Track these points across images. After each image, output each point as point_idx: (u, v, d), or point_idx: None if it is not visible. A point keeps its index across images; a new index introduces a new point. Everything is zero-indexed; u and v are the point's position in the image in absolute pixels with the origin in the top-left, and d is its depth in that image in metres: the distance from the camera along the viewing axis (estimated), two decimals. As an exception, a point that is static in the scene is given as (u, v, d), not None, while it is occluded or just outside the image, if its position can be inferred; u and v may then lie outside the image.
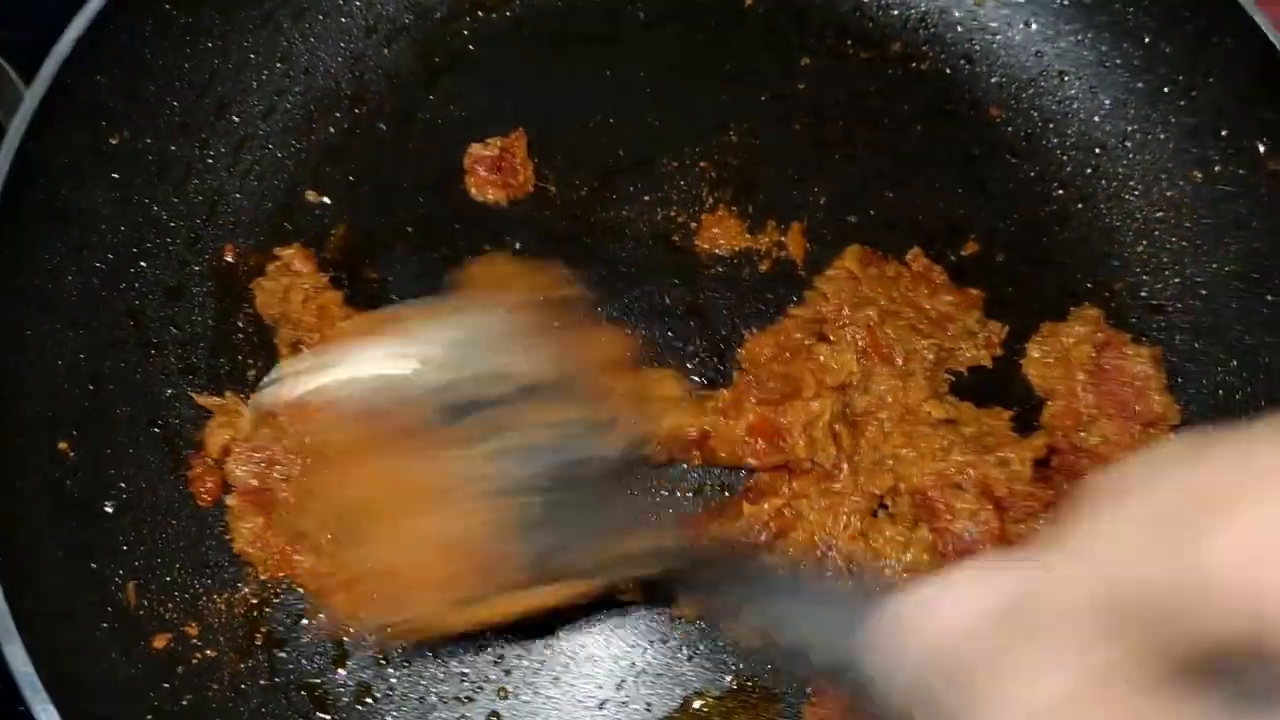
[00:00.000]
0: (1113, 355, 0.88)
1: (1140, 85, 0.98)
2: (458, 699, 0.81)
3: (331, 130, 0.98)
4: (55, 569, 0.78)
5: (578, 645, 0.82)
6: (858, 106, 1.01)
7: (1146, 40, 0.97)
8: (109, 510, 0.83)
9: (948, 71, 1.03)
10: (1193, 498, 0.37)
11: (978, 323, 0.91)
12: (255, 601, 0.83)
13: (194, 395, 0.88)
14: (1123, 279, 0.95)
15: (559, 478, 0.71)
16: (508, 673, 0.82)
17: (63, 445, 0.82)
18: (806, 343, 0.88)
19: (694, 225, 0.96)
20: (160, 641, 0.80)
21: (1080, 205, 0.98)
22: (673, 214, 0.96)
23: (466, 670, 0.82)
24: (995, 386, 0.90)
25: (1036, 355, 0.91)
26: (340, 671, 0.82)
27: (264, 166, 0.96)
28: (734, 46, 1.03)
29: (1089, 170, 0.99)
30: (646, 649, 0.83)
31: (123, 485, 0.84)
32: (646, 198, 0.97)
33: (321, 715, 0.80)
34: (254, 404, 0.85)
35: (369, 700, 0.81)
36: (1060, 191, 0.98)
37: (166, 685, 0.79)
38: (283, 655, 0.82)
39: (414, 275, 0.93)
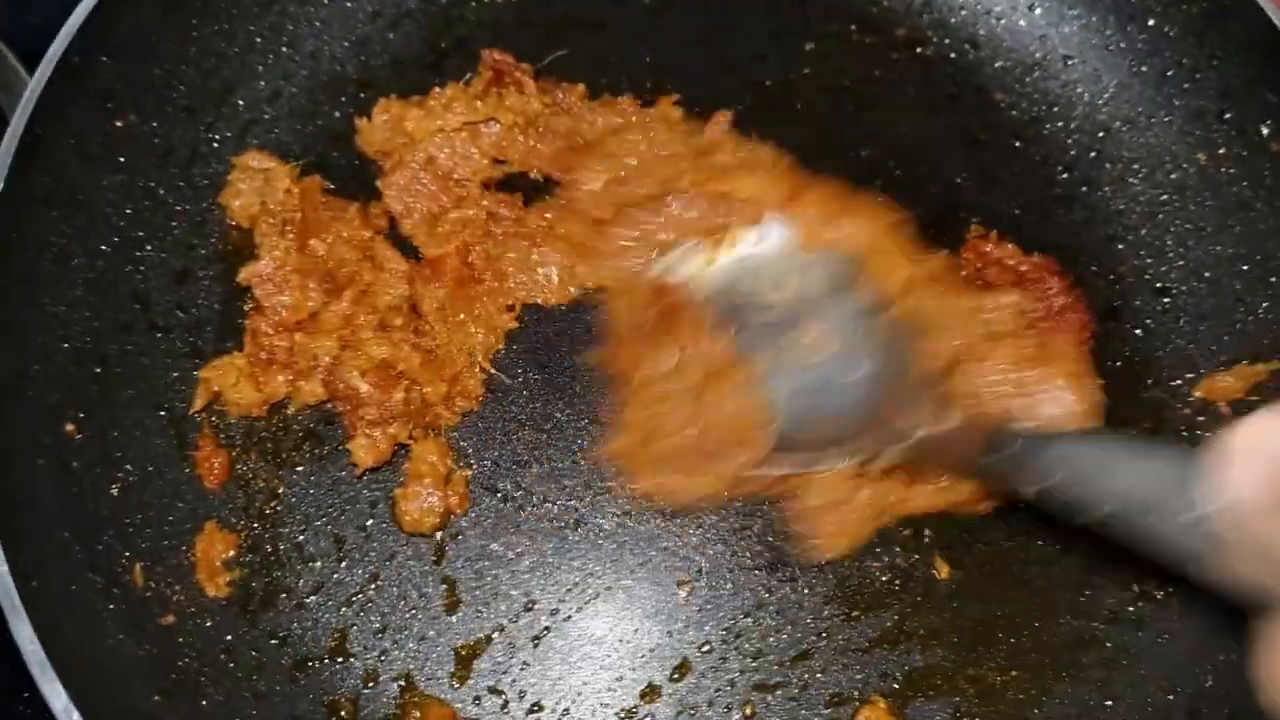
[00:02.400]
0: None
1: (1144, 69, 0.99)
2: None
3: (337, 115, 0.98)
4: (62, 550, 0.78)
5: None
6: (862, 91, 1.01)
7: (1150, 24, 0.98)
8: (115, 493, 0.83)
9: (952, 56, 1.03)
10: None
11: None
12: (258, 581, 0.83)
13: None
14: (1127, 262, 0.95)
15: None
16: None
17: (69, 428, 0.82)
18: None
19: (699, 208, 0.96)
20: (166, 622, 0.80)
21: (1085, 189, 0.98)
22: (677, 198, 0.96)
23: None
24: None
25: None
26: (342, 659, 0.82)
27: (270, 151, 0.96)
28: (737, 31, 1.03)
29: (1093, 154, 0.99)
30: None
31: (129, 468, 0.84)
32: (651, 181, 0.97)
33: (327, 695, 0.80)
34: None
35: (372, 685, 0.81)
36: (1065, 175, 0.99)
37: (172, 665, 0.79)
38: (286, 634, 0.82)
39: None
